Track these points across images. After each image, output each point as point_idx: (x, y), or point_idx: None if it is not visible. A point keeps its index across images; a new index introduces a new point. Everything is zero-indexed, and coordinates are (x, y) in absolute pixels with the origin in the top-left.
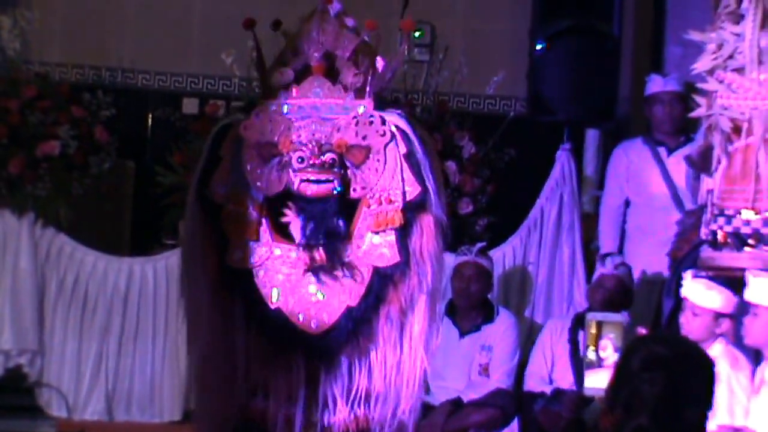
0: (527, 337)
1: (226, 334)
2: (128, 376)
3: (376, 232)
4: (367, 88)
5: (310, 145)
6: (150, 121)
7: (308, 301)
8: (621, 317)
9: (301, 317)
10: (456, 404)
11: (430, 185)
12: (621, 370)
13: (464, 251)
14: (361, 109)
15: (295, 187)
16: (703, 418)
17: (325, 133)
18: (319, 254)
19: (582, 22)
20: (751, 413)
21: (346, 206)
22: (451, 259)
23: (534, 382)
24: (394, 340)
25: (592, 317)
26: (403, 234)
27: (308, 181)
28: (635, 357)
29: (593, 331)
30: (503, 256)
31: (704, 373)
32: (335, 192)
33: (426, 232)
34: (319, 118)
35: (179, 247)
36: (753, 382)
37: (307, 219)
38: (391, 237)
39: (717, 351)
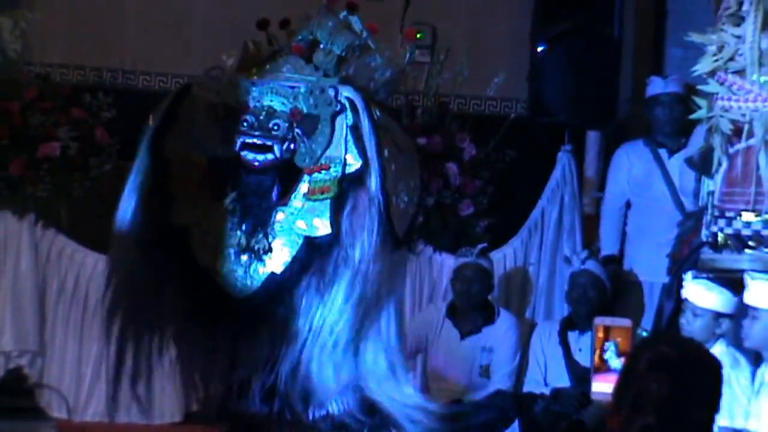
0: (528, 338)
1: (155, 295)
2: (129, 377)
3: (311, 199)
4: (340, 73)
5: (263, 111)
6: (151, 122)
7: (236, 263)
8: (627, 322)
9: (228, 279)
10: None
11: (372, 160)
12: (628, 371)
13: (465, 253)
14: (316, 79)
15: (237, 148)
16: (710, 420)
17: (282, 99)
18: (251, 234)
19: (583, 24)
20: (751, 415)
21: (290, 172)
22: (451, 261)
23: (531, 386)
24: (311, 312)
25: (600, 322)
26: (338, 206)
27: (249, 146)
28: (642, 357)
29: (600, 335)
30: (504, 258)
31: (711, 374)
32: (275, 161)
33: (359, 208)
34: (277, 85)
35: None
36: (753, 384)
37: (240, 194)
38: (326, 207)
39: (717, 352)
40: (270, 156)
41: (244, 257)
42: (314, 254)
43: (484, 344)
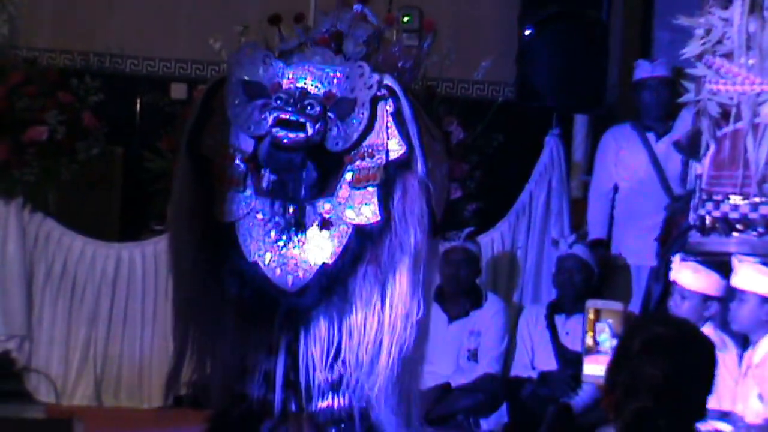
0: (516, 322)
1: (210, 291)
2: (117, 361)
3: (357, 188)
4: (371, 61)
5: (297, 92)
6: (138, 106)
7: (285, 257)
8: (619, 305)
9: (278, 272)
10: (444, 389)
11: (416, 146)
12: (621, 352)
13: (452, 237)
14: (355, 69)
15: (268, 125)
16: (705, 401)
17: (316, 82)
18: (290, 209)
19: (570, 8)
20: (738, 397)
21: (329, 161)
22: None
23: (519, 370)
24: (374, 302)
25: (592, 304)
26: (386, 193)
27: (281, 122)
28: (636, 338)
29: (591, 317)
30: (492, 242)
31: (706, 354)
32: (306, 141)
33: (410, 193)
34: (314, 67)
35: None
36: (740, 367)
37: (272, 170)
38: (373, 195)
39: None
40: (302, 134)
41: (283, 224)
42: (366, 243)
43: (471, 328)
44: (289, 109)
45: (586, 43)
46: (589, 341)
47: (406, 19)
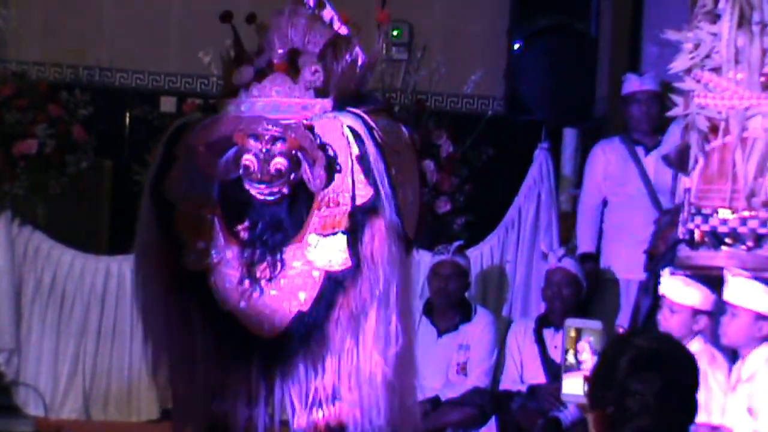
0: (505, 335)
1: (183, 337)
2: (105, 375)
3: (324, 235)
4: (330, 86)
5: (263, 140)
6: (128, 119)
7: (260, 305)
8: (599, 324)
9: (253, 321)
10: (434, 403)
11: (382, 189)
12: (606, 369)
13: (442, 250)
14: (317, 108)
15: (247, 185)
16: (691, 416)
17: (278, 131)
18: (262, 264)
19: (560, 22)
20: (727, 411)
21: (299, 203)
22: (428, 258)
23: (508, 384)
24: (349, 346)
25: (571, 323)
26: (355, 238)
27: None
28: (622, 356)
29: (572, 335)
30: (481, 255)
31: (691, 368)
32: (287, 195)
33: (377, 237)
34: (273, 118)
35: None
36: (730, 380)
37: (253, 223)
38: (343, 241)
39: (694, 349)
40: (284, 189)
41: (256, 272)
42: (338, 289)
43: (461, 342)
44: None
45: (575, 57)
46: (571, 359)
47: (395, 32)
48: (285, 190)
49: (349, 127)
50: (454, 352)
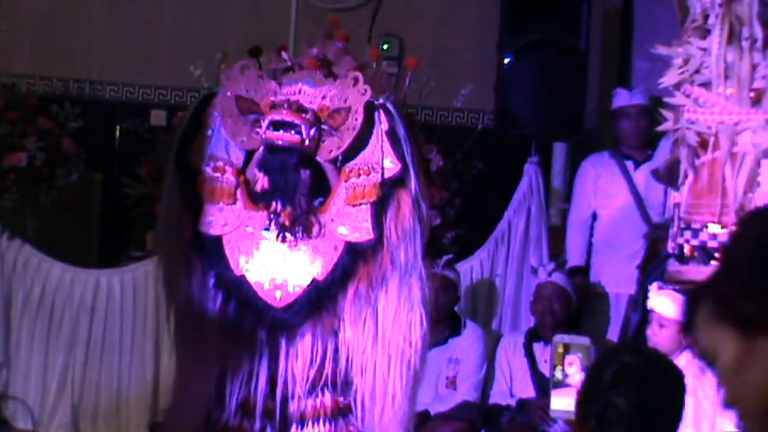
0: (494, 349)
1: (198, 303)
2: (94, 388)
3: (352, 206)
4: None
5: (288, 102)
6: (118, 132)
7: (275, 271)
8: (586, 339)
9: (265, 286)
10: (423, 417)
11: (410, 164)
12: (592, 383)
13: (431, 264)
14: (346, 77)
15: (263, 131)
16: (675, 429)
17: (309, 99)
18: (283, 212)
19: (549, 36)
20: (716, 426)
21: (321, 178)
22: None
23: (497, 398)
24: (365, 320)
25: (559, 339)
26: (379, 210)
27: (276, 124)
28: (607, 369)
29: (560, 351)
30: (471, 269)
31: (676, 384)
32: (301, 143)
33: (403, 210)
34: (306, 86)
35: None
36: (718, 395)
37: (266, 172)
38: (367, 213)
39: (683, 363)
40: (296, 135)
41: (274, 238)
42: (358, 261)
43: (450, 355)
44: (284, 111)
45: (564, 72)
46: (559, 375)
47: (386, 46)
48: (303, 133)
49: (380, 104)
50: (444, 366)
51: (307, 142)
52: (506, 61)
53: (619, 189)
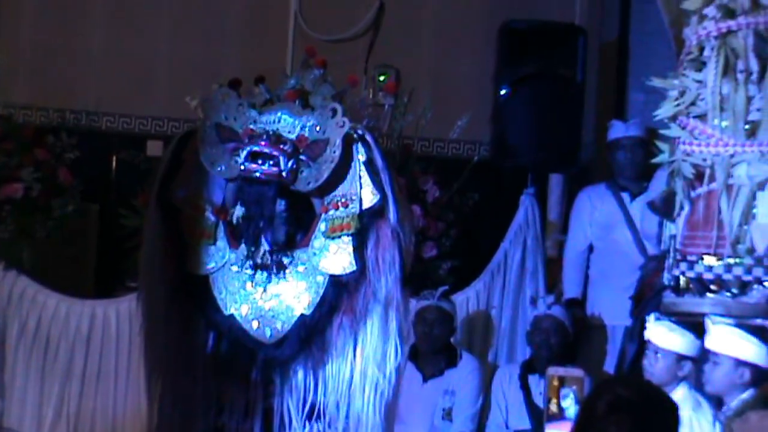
0: (490, 381)
1: (184, 345)
2: (89, 419)
3: (332, 238)
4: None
5: (270, 132)
6: (114, 163)
7: (262, 309)
8: (580, 372)
9: (255, 325)
10: None
11: (389, 194)
12: (586, 413)
13: (427, 295)
14: (325, 108)
15: (241, 161)
16: None
17: (288, 128)
18: (264, 259)
19: (546, 68)
20: None
21: (302, 209)
22: (413, 304)
23: (493, 430)
24: (347, 351)
25: (553, 372)
26: (360, 242)
27: (254, 155)
28: (601, 400)
29: (555, 384)
30: (467, 300)
31: (669, 415)
32: (279, 174)
33: (383, 240)
34: (285, 115)
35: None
36: (714, 427)
37: (243, 202)
38: (348, 244)
39: (680, 394)
40: (275, 168)
41: (258, 276)
42: (342, 293)
43: (446, 387)
44: (262, 142)
45: (561, 103)
46: (554, 408)
47: (382, 78)
48: (282, 165)
49: (357, 133)
50: (440, 398)
51: (285, 173)
52: (503, 92)
53: (615, 221)
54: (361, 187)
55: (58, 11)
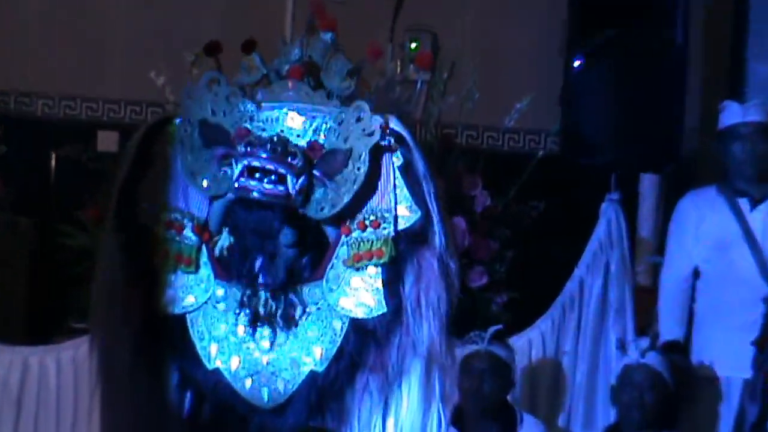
0: None
1: (154, 409)
2: None
3: (356, 269)
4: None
5: (273, 138)
6: (54, 162)
7: (258, 363)
8: None
9: (248, 384)
10: None
11: (433, 211)
12: None
13: (475, 338)
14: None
15: (235, 177)
16: None
17: (296, 131)
18: (262, 298)
19: (633, 30)
20: None
21: (313, 231)
22: (457, 350)
23: None
24: (374, 423)
25: None
26: (395, 275)
27: (252, 171)
28: None
29: None
30: (529, 345)
31: None
32: (285, 198)
33: (426, 274)
34: (292, 111)
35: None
36: None
37: (234, 230)
38: (377, 277)
39: None
40: (281, 187)
41: (254, 336)
42: (368, 343)
43: None
44: (264, 155)
45: (654, 78)
46: None
47: (413, 46)
48: (290, 187)
49: (392, 130)
50: None
51: (293, 195)
52: (576, 64)
53: (730, 237)
54: (396, 202)
55: None
